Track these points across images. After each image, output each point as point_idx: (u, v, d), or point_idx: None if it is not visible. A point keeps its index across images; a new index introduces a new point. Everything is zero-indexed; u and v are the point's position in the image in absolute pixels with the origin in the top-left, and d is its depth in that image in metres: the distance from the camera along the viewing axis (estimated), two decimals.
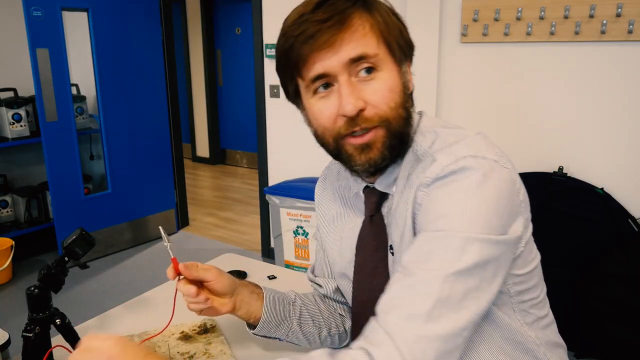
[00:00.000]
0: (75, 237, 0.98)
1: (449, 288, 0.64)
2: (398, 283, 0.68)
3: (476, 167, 0.68)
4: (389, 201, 0.83)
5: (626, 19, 2.00)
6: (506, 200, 0.70)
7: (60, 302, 2.25)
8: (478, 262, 0.66)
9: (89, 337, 0.69)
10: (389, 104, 0.74)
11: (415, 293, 0.65)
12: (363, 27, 0.73)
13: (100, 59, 3.28)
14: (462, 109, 2.47)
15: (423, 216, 0.72)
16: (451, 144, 0.73)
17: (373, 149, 0.75)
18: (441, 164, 0.70)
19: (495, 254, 0.68)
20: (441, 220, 0.68)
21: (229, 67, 5.99)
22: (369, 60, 0.73)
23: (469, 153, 0.70)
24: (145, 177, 3.66)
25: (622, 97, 2.10)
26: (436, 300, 0.64)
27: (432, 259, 0.66)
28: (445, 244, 0.66)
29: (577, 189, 2.16)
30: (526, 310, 0.80)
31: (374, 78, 0.73)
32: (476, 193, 0.67)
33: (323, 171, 1.05)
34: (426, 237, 0.69)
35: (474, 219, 0.67)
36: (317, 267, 1.08)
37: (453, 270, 0.65)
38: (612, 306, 2.01)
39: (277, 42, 0.77)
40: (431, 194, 0.70)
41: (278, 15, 3.01)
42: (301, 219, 2.80)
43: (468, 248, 0.65)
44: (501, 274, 0.70)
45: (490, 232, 0.67)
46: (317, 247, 1.07)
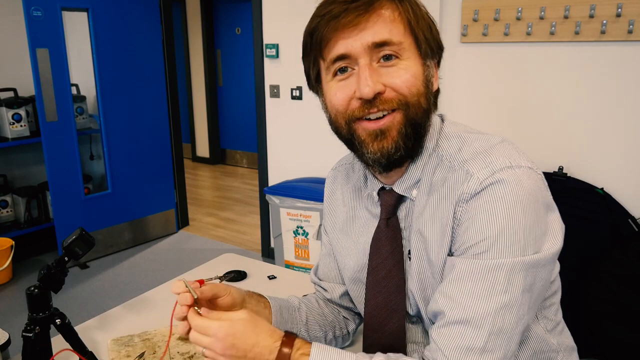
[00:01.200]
0: (75, 237, 0.98)
1: (500, 321, 0.68)
2: (451, 315, 0.71)
3: (513, 179, 0.69)
4: (407, 204, 0.83)
5: (626, 19, 2.00)
6: (543, 206, 0.71)
7: (60, 302, 2.25)
8: (525, 289, 0.69)
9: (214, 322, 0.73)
10: (410, 88, 0.73)
11: (470, 328, 0.69)
12: (391, 13, 0.72)
13: (100, 59, 3.28)
14: (462, 109, 2.46)
15: (464, 235, 0.72)
16: (482, 153, 0.74)
17: (387, 137, 0.74)
18: (478, 178, 0.71)
19: (539, 274, 0.71)
20: (483, 243, 0.70)
21: (229, 67, 5.99)
22: (392, 47, 0.72)
23: (505, 164, 0.71)
24: (145, 177, 3.66)
25: (622, 97, 2.10)
26: (489, 334, 0.68)
27: (481, 293, 0.69)
28: (492, 277, 0.69)
29: (577, 189, 2.16)
30: (547, 317, 0.83)
31: (395, 65, 0.72)
32: (516, 206, 0.68)
33: (329, 174, 1.03)
34: (471, 266, 0.70)
35: (516, 239, 0.68)
36: (322, 271, 1.05)
37: (502, 304, 0.68)
38: (612, 306, 2.01)
39: (307, 27, 0.77)
40: (471, 210, 0.71)
41: (278, 15, 3.01)
42: (301, 219, 2.80)
43: (514, 278, 0.68)
44: (546, 287, 0.75)
45: (533, 250, 0.69)
46: (324, 252, 1.05)
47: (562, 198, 2.16)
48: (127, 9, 3.38)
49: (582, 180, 2.17)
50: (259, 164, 3.34)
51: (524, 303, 0.70)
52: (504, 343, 0.69)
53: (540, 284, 0.72)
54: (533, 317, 0.75)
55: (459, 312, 0.70)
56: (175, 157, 3.91)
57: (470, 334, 0.69)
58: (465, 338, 0.69)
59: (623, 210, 2.09)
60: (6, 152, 3.47)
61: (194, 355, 1.08)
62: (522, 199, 0.69)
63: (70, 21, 3.25)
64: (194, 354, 1.08)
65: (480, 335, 0.68)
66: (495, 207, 0.69)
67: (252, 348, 0.72)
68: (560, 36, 2.15)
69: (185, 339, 1.13)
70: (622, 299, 1.99)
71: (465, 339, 0.69)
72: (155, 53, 3.61)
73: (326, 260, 1.04)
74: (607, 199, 2.10)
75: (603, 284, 2.03)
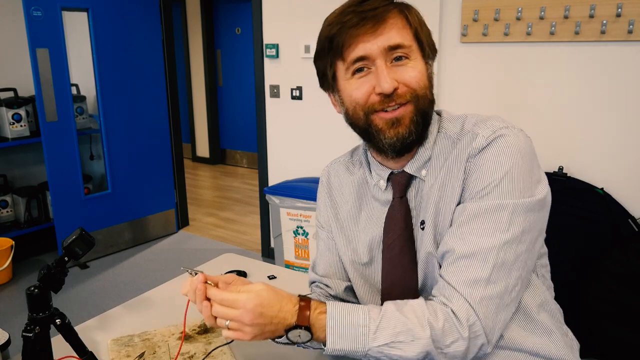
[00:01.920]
0: (75, 237, 0.98)
1: (503, 256, 0.80)
2: (459, 251, 0.82)
3: (512, 135, 0.84)
4: (415, 184, 0.93)
5: (626, 19, 2.00)
6: (535, 158, 0.86)
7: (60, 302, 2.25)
8: (524, 229, 0.81)
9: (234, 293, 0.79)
10: (419, 83, 0.86)
11: (476, 261, 0.80)
12: (401, 21, 0.85)
13: (100, 59, 3.28)
14: (462, 109, 2.46)
15: (473, 182, 0.84)
16: (482, 121, 0.89)
17: (402, 124, 0.86)
18: (483, 136, 0.85)
19: (536, 216, 0.83)
20: (489, 186, 0.82)
21: (229, 67, 5.99)
22: (404, 50, 0.85)
23: (503, 125, 0.86)
24: (145, 177, 3.66)
25: (622, 97, 2.10)
26: (493, 267, 0.79)
27: (487, 230, 0.81)
28: (496, 216, 0.81)
29: (577, 189, 2.16)
30: (544, 275, 0.95)
31: (405, 64, 0.85)
32: (515, 154, 0.83)
33: (325, 171, 1.08)
34: (479, 207, 0.82)
35: (516, 183, 0.81)
36: (323, 267, 1.06)
37: (505, 240, 0.80)
38: (612, 306, 2.01)
39: (321, 32, 0.89)
40: (478, 162, 0.85)
41: (278, 15, 3.01)
42: (301, 219, 2.80)
43: (515, 218, 0.80)
44: (542, 233, 0.87)
45: (530, 193, 0.82)
46: (322, 247, 1.07)
47: (562, 198, 2.16)
48: (127, 9, 3.38)
49: (582, 180, 2.17)
50: (259, 164, 3.34)
51: (523, 241, 0.81)
52: (505, 276, 0.80)
53: (537, 226, 0.84)
54: (533, 259, 0.85)
55: (466, 248, 0.81)
56: (175, 157, 3.91)
57: (476, 267, 0.80)
58: (471, 271, 0.80)
59: (623, 210, 2.09)
60: (6, 152, 3.47)
61: (194, 355, 1.08)
62: (520, 149, 0.83)
63: (70, 21, 3.25)
64: (194, 354, 1.08)
65: (485, 268, 0.79)
66: (499, 156, 0.83)
67: (277, 314, 0.79)
68: (560, 36, 2.15)
69: (186, 337, 1.14)
70: (622, 299, 1.99)
71: (472, 272, 0.80)
72: (155, 53, 3.61)
73: (327, 256, 1.05)
74: (607, 199, 2.10)
75: (603, 284, 2.03)
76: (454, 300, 0.80)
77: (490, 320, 0.79)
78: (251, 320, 0.78)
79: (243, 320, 0.78)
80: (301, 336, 0.80)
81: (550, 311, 0.93)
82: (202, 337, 1.15)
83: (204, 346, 1.11)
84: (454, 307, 0.79)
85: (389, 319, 0.79)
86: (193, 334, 1.16)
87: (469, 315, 0.78)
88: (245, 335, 0.79)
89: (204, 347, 1.11)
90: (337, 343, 0.79)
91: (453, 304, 0.79)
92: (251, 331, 0.79)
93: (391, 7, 0.85)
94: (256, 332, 0.79)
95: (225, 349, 1.10)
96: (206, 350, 1.10)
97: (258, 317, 0.78)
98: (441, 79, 2.47)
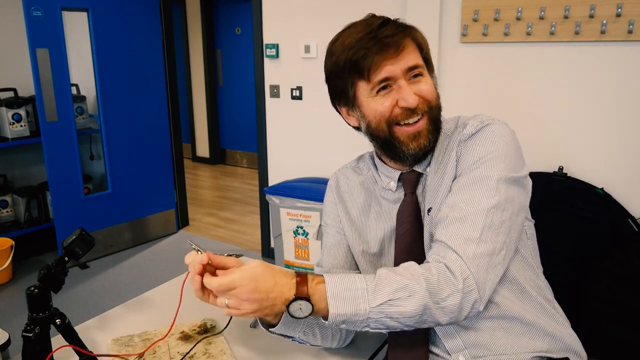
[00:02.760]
0: (75, 237, 0.98)
1: (490, 219, 0.89)
2: (452, 215, 0.91)
3: (497, 123, 0.98)
4: (423, 180, 1.04)
5: (626, 19, 2.00)
6: (519, 147, 0.99)
7: (60, 302, 2.25)
8: (507, 198, 0.91)
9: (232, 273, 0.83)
10: (432, 94, 0.99)
11: (467, 223, 0.89)
12: (413, 44, 0.98)
13: (100, 59, 3.28)
14: (462, 108, 2.46)
15: (463, 162, 0.96)
16: (472, 116, 1.02)
17: (422, 136, 0.98)
18: (472, 125, 0.98)
19: (517, 191, 0.94)
20: (478, 162, 0.94)
21: (229, 67, 5.99)
22: (419, 69, 0.98)
23: (490, 118, 1.00)
24: (145, 177, 3.66)
25: (622, 97, 2.09)
26: (482, 228, 0.88)
27: (476, 197, 0.91)
28: (484, 185, 0.91)
29: (577, 189, 2.16)
30: (531, 255, 1.02)
31: (420, 81, 0.98)
32: (501, 139, 0.95)
33: (332, 178, 1.18)
34: (468, 178, 0.93)
35: (501, 160, 0.93)
36: (328, 262, 1.12)
37: (491, 205, 0.90)
38: (612, 306, 2.01)
39: (337, 55, 0.98)
40: (468, 145, 0.97)
41: (278, 15, 3.01)
42: (301, 219, 2.80)
43: (500, 187, 0.91)
44: (522, 210, 0.96)
45: (513, 170, 0.93)
46: (331, 242, 1.13)
47: (562, 198, 2.16)
48: (127, 9, 3.38)
49: (582, 180, 2.17)
50: (259, 164, 3.34)
51: (507, 209, 0.91)
52: (492, 237, 0.88)
53: (518, 200, 0.94)
54: (516, 232, 0.93)
55: (458, 213, 0.90)
56: (175, 157, 3.91)
57: (468, 228, 0.88)
58: (464, 230, 0.88)
59: (623, 210, 2.09)
60: (6, 152, 3.47)
61: (194, 355, 1.08)
62: (504, 135, 0.96)
63: (70, 21, 3.25)
64: (194, 354, 1.08)
65: (476, 229, 0.88)
66: (487, 139, 0.95)
67: (273, 287, 0.83)
68: (560, 36, 2.15)
69: (186, 337, 1.14)
70: (622, 299, 1.99)
71: (464, 231, 0.88)
72: (155, 53, 3.61)
73: (334, 250, 1.13)
74: (607, 199, 2.10)
75: (603, 284, 2.03)
76: (448, 256, 0.86)
77: (482, 276, 0.85)
78: (247, 294, 0.81)
79: (240, 296, 0.81)
80: (302, 309, 0.83)
81: (540, 287, 1.01)
82: (202, 337, 1.15)
83: (204, 346, 1.11)
84: (447, 262, 0.86)
85: (385, 279, 0.84)
86: (193, 333, 1.16)
87: (462, 269, 0.84)
88: (244, 312, 0.83)
89: (203, 347, 1.11)
90: (339, 307, 0.82)
91: (447, 259, 0.86)
92: (249, 307, 0.82)
93: (403, 33, 0.96)
94: (254, 307, 0.82)
95: (225, 349, 1.10)
96: (206, 350, 1.10)
97: (253, 291, 0.81)
98: (441, 79, 2.47)
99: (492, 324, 0.94)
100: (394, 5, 2.53)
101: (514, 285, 0.96)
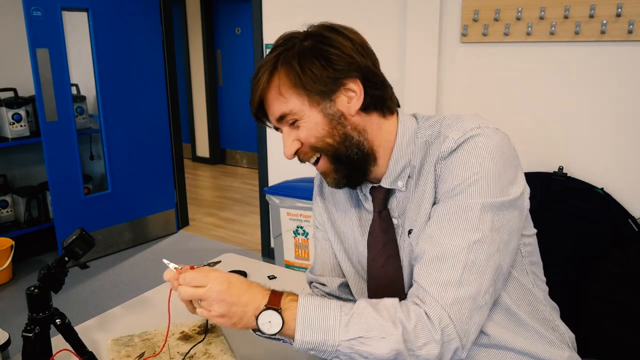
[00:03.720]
0: (75, 237, 0.98)
1: (473, 255, 0.78)
2: (430, 253, 0.81)
3: (482, 134, 0.82)
4: (396, 195, 0.93)
5: (626, 19, 2.00)
6: (510, 157, 0.83)
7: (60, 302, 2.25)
8: (493, 227, 0.79)
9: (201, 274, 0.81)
10: (316, 138, 0.87)
11: (446, 263, 0.78)
12: (274, 92, 0.87)
13: (100, 59, 3.28)
14: (462, 109, 2.46)
15: (443, 184, 0.84)
16: (455, 121, 0.87)
17: (328, 176, 0.92)
18: (453, 138, 0.83)
19: (507, 217, 0.81)
20: (459, 187, 0.81)
21: (229, 67, 5.99)
22: (290, 117, 0.86)
23: (474, 125, 0.84)
24: (145, 177, 3.66)
25: (622, 97, 2.09)
26: (464, 268, 0.78)
27: (456, 231, 0.79)
28: (465, 216, 0.79)
29: (577, 189, 2.16)
30: (534, 272, 0.93)
31: (298, 127, 0.88)
32: (486, 156, 0.80)
33: (316, 176, 1.09)
34: (448, 208, 0.81)
35: (486, 184, 0.80)
36: (319, 267, 1.09)
37: (474, 239, 0.78)
38: (612, 306, 2.01)
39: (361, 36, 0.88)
40: (448, 165, 0.83)
41: (278, 15, 3.01)
42: (301, 219, 2.80)
43: (484, 217, 0.79)
44: (515, 235, 0.84)
45: (502, 194, 0.80)
46: (318, 247, 1.09)
47: (562, 198, 2.16)
48: (127, 9, 3.38)
49: (582, 180, 2.17)
50: (259, 164, 3.34)
51: (493, 241, 0.79)
52: (477, 277, 0.78)
53: (508, 226, 0.82)
54: (508, 261, 0.83)
55: (436, 250, 0.80)
56: (175, 157, 3.90)
57: (447, 268, 0.78)
58: (442, 273, 0.78)
59: (623, 210, 2.09)
60: (6, 152, 3.47)
61: (194, 355, 1.08)
62: (491, 150, 0.81)
63: (70, 21, 3.25)
64: (194, 354, 1.08)
65: (456, 269, 0.78)
66: (469, 158, 0.81)
67: (245, 292, 0.79)
68: (560, 36, 2.15)
69: (186, 337, 1.14)
70: (622, 299, 1.99)
71: (443, 274, 0.78)
72: (155, 53, 3.61)
73: (322, 256, 1.08)
74: (607, 199, 2.10)
75: (603, 284, 2.03)
76: (427, 302, 0.78)
77: (463, 323, 0.77)
78: (218, 294, 0.78)
79: (211, 295, 0.78)
80: (272, 322, 0.78)
81: (537, 310, 0.92)
82: (202, 337, 1.15)
83: (204, 346, 1.11)
84: (426, 308, 0.77)
85: (361, 314, 0.77)
86: (193, 333, 1.16)
87: (441, 317, 0.76)
88: (214, 313, 0.79)
89: (203, 347, 1.11)
90: (306, 334, 0.77)
91: (426, 305, 0.78)
92: (218, 309, 0.78)
93: (266, 79, 0.86)
94: (223, 310, 0.78)
95: (225, 349, 1.10)
96: (206, 350, 1.10)
97: (225, 291, 0.78)
98: (441, 79, 2.47)
99: (485, 353, 0.88)
100: (394, 5, 2.53)
101: (506, 314, 0.88)
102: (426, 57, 2.45)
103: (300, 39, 0.87)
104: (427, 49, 2.44)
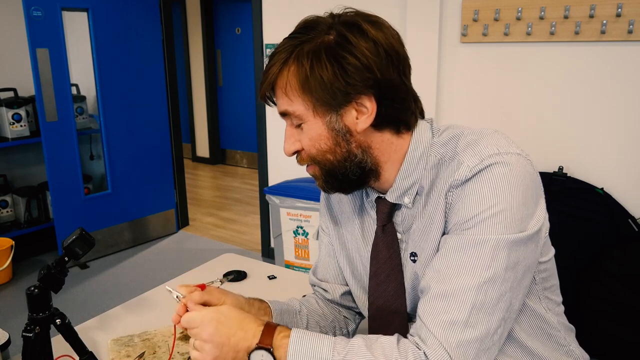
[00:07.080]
0: (75, 237, 0.98)
1: (482, 296, 0.71)
2: (436, 289, 0.74)
3: (501, 162, 0.74)
4: (402, 211, 0.87)
5: (626, 19, 2.00)
6: (532, 188, 0.75)
7: (60, 302, 2.25)
8: (508, 266, 0.72)
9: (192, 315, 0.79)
10: (313, 149, 0.82)
11: (453, 302, 0.72)
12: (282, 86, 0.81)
13: (100, 59, 3.28)
14: (462, 109, 2.46)
15: (455, 215, 0.76)
16: (472, 143, 0.78)
17: (318, 180, 0.86)
18: (468, 165, 0.75)
19: (523, 253, 0.74)
20: (472, 220, 0.74)
21: (229, 67, 5.99)
22: (294, 118, 0.81)
23: (493, 152, 0.75)
24: (145, 177, 3.66)
25: (622, 97, 2.10)
26: (471, 309, 0.71)
27: (466, 267, 0.72)
28: (477, 252, 0.72)
29: (577, 189, 2.16)
30: (548, 297, 0.87)
31: (302, 129, 0.82)
32: (504, 188, 0.73)
33: None
34: (459, 242, 0.74)
35: (503, 219, 0.72)
36: (321, 271, 1.06)
37: (485, 279, 0.71)
38: (612, 306, 2.01)
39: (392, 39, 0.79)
40: (461, 195, 0.75)
41: (278, 15, 3.01)
42: (301, 219, 2.80)
43: (498, 254, 0.72)
44: (531, 270, 0.77)
45: (519, 229, 0.73)
46: (323, 252, 1.06)
47: (562, 198, 2.16)
48: (127, 9, 3.38)
49: (582, 180, 2.17)
50: (259, 164, 3.34)
51: (507, 280, 0.72)
52: (485, 318, 0.72)
53: (524, 263, 0.74)
54: (520, 298, 0.77)
55: (443, 286, 0.73)
56: (175, 157, 3.90)
57: (453, 308, 0.72)
58: (448, 312, 0.72)
59: (623, 210, 2.09)
60: (6, 152, 3.47)
61: None
62: (510, 181, 0.73)
63: (70, 21, 3.25)
64: None
65: (463, 310, 0.71)
66: (484, 189, 0.73)
67: (235, 332, 0.76)
68: (560, 36, 2.15)
69: (186, 337, 1.13)
70: (622, 299, 1.99)
71: (448, 314, 0.72)
72: (155, 53, 3.61)
73: (326, 261, 1.05)
74: (607, 199, 2.10)
75: (603, 284, 2.03)
76: (429, 342, 0.72)
77: None
78: (207, 336, 0.76)
79: (201, 335, 0.76)
80: None
81: (550, 336, 0.88)
82: None
83: None
84: (427, 350, 0.71)
85: (355, 353, 0.73)
86: None
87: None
88: (206, 355, 0.76)
89: None
90: None
91: (427, 346, 0.72)
92: (210, 350, 0.75)
93: (277, 69, 0.79)
94: (215, 352, 0.75)
95: None
96: None
97: (214, 333, 0.75)
98: (441, 79, 2.47)
99: None
100: (394, 5, 2.53)
101: (517, 345, 0.84)
102: (426, 57, 2.45)
103: (324, 30, 0.80)
104: (427, 49, 2.44)
